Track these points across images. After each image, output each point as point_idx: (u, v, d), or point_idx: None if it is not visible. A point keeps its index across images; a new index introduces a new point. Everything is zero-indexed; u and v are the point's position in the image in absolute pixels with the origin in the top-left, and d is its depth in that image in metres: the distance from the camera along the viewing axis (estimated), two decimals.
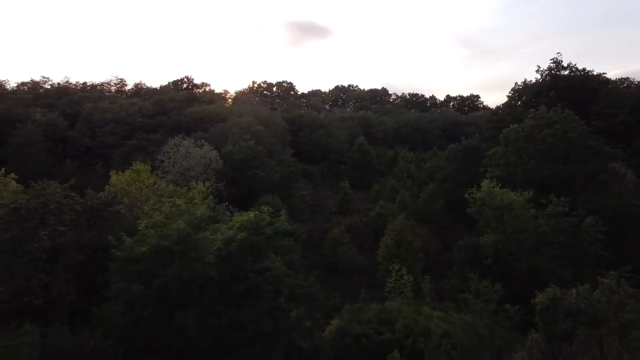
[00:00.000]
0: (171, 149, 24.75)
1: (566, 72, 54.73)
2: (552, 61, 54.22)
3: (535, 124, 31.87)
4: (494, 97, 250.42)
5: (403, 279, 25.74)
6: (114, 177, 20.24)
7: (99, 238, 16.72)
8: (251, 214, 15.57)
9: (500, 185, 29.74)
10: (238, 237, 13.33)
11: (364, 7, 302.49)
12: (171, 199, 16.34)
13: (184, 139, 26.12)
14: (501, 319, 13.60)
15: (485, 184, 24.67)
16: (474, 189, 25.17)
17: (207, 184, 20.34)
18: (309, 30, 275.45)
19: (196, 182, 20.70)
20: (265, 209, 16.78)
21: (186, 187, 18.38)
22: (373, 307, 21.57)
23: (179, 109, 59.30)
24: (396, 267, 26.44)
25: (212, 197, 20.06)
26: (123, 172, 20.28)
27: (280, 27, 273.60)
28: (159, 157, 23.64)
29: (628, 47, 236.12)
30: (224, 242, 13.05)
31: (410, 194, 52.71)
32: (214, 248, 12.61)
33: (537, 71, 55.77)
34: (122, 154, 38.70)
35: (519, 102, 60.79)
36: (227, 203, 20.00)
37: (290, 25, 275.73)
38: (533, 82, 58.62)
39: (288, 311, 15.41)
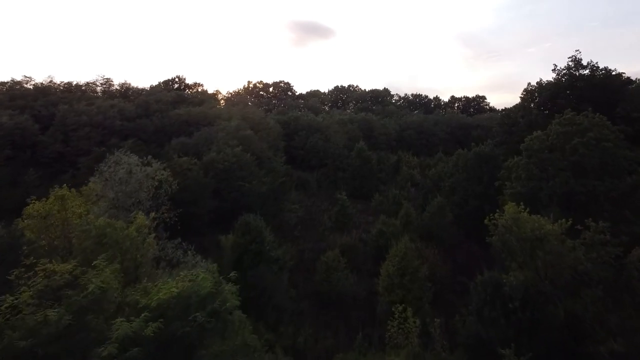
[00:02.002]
0: (109, 168, 19.91)
1: (586, 72, 49.90)
2: (570, 59, 49.29)
3: (563, 132, 27.11)
4: (498, 98, 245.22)
5: (408, 323, 21.13)
6: (28, 209, 15.32)
7: None
8: (178, 283, 10.24)
9: (521, 203, 25.14)
10: (147, 330, 8.44)
11: (366, 7, 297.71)
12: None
13: (127, 154, 21.14)
14: None
15: (509, 208, 19.97)
16: (495, 214, 20.40)
17: (153, 214, 15.72)
18: (309, 29, 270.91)
19: (142, 212, 15.89)
20: (201, 275, 10.76)
21: (123, 220, 13.79)
22: None
23: (165, 111, 54.72)
24: (400, 308, 21.76)
25: (162, 230, 15.57)
26: (47, 199, 15.50)
27: (280, 27, 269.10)
28: (92, 179, 18.78)
29: (633, 47, 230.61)
30: (120, 341, 8.07)
31: (414, 204, 48.10)
32: (102, 355, 7.73)
33: (553, 70, 50.76)
34: (89, 164, 34.15)
35: (532, 104, 55.93)
36: (179, 239, 15.40)
37: (290, 24, 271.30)
38: (546, 82, 53.77)
39: None
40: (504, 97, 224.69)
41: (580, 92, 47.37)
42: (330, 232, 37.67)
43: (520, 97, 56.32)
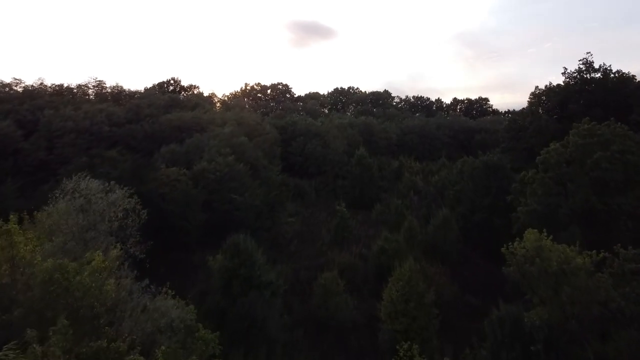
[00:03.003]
0: (65, 195, 17.04)
1: (597, 75, 47.56)
2: (581, 62, 46.98)
3: (583, 144, 24.71)
4: (498, 98, 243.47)
5: None
6: None
7: None
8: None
9: (537, 222, 22.87)
10: None
11: (366, 7, 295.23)
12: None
13: (87, 178, 18.08)
14: None
15: (529, 235, 17.57)
16: (515, 243, 17.95)
17: (115, 251, 13.25)
18: (309, 29, 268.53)
19: (103, 249, 13.35)
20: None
21: (78, 260, 11.38)
22: None
23: (156, 116, 52.33)
24: (405, 347, 19.31)
25: (130, 268, 13.13)
26: None
27: (279, 27, 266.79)
28: (46, 208, 15.94)
29: (633, 47, 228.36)
30: None
31: (417, 214, 45.76)
32: None
33: (563, 74, 48.43)
34: (68, 175, 31.74)
35: (540, 108, 53.57)
36: (147, 281, 13.03)
37: (289, 25, 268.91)
38: (555, 85, 51.42)
39: None
40: (504, 97, 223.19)
41: (592, 96, 45.06)
42: (328, 247, 35.27)
43: (528, 101, 54.10)
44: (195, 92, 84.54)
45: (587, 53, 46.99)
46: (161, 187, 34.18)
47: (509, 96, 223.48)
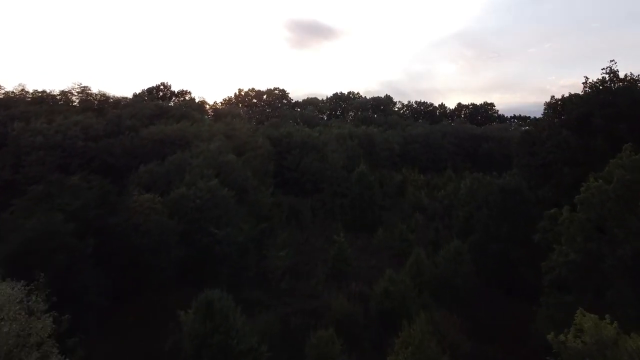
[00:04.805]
0: None
1: (620, 84, 43.21)
2: (604, 71, 42.56)
3: (632, 179, 20.36)
4: (498, 98, 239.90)
5: None
6: None
7: None
8: None
9: (577, 276, 18.63)
10: None
11: (366, 8, 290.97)
12: None
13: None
14: None
15: (586, 322, 13.19)
16: (567, 334, 13.55)
17: None
18: (307, 31, 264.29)
19: None
20: None
21: None
22: None
23: (139, 128, 47.99)
24: None
25: None
26: None
27: (276, 29, 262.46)
28: None
29: (633, 47, 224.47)
30: None
31: (424, 239, 41.52)
32: None
33: (584, 84, 44.01)
34: (25, 205, 27.48)
35: (556, 119, 49.10)
36: None
37: (288, 26, 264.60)
38: (574, 95, 47.04)
39: None
40: (504, 97, 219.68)
41: (617, 109, 40.65)
42: (324, 285, 30.94)
43: (543, 114, 49.70)
44: (186, 98, 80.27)
45: (611, 61, 42.44)
46: (134, 216, 29.92)
47: (509, 96, 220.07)
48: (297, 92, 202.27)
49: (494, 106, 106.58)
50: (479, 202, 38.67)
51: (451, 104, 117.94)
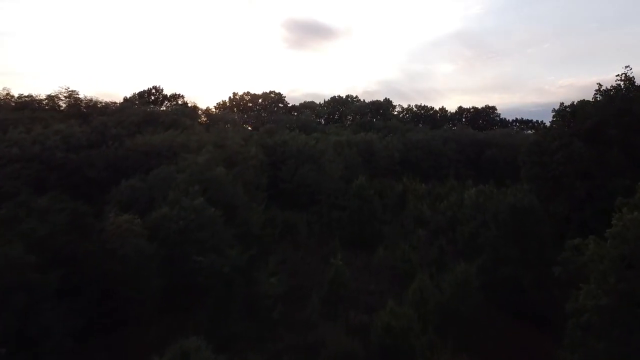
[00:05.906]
0: None
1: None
2: (619, 77, 40.06)
3: None
4: (497, 98, 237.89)
5: None
6: None
7: None
8: None
9: (609, 322, 16.01)
10: None
11: (365, 8, 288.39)
12: None
13: None
14: None
15: None
16: None
17: None
18: (306, 33, 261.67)
19: None
20: None
21: None
22: None
23: (124, 137, 45.24)
24: None
25: None
26: None
27: (274, 29, 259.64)
28: None
29: (632, 48, 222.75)
30: None
31: (427, 259, 38.85)
32: None
33: (597, 91, 41.51)
34: (9, 214, 24.80)
35: (566, 127, 46.47)
36: None
37: (286, 26, 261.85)
38: (585, 101, 44.49)
39: None
40: (502, 97, 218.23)
41: (635, 118, 38.12)
42: (320, 314, 28.26)
43: (552, 122, 47.11)
44: (179, 102, 77.61)
45: (626, 67, 39.86)
46: (110, 239, 27.19)
47: (508, 96, 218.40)
48: (296, 93, 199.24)
49: (496, 109, 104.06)
50: (485, 217, 36.15)
51: (450, 104, 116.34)
